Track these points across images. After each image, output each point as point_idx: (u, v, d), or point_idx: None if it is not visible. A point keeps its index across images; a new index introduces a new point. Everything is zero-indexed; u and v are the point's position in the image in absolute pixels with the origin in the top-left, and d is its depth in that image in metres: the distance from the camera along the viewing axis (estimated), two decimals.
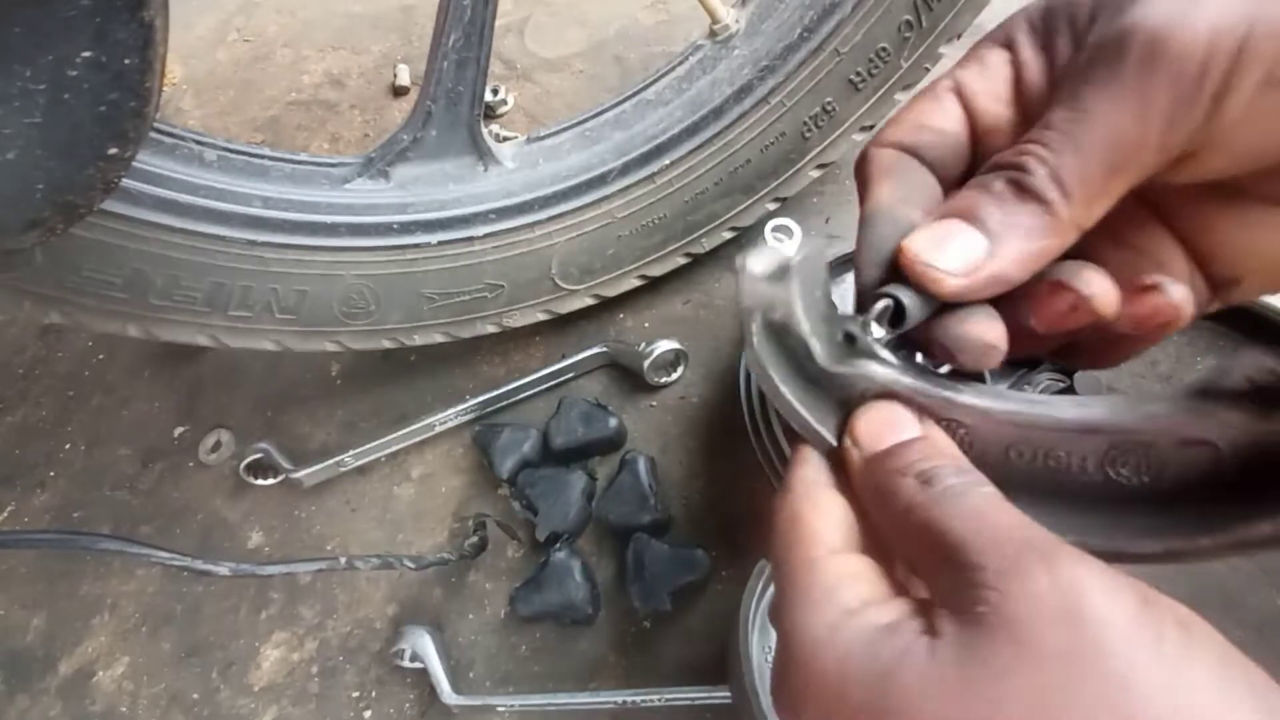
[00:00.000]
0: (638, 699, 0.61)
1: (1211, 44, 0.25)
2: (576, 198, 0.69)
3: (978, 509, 0.25)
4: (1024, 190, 0.28)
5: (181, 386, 0.86)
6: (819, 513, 0.29)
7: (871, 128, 0.75)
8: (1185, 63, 0.25)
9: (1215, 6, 0.25)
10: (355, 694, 0.67)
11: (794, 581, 0.27)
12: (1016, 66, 0.32)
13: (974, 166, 0.33)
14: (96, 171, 0.39)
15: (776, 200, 0.77)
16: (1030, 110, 0.31)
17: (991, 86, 0.32)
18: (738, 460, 0.73)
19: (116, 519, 0.79)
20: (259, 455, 0.74)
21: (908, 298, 0.29)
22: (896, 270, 0.29)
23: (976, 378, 0.31)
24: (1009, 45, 0.32)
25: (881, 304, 0.29)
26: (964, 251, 0.28)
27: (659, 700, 0.61)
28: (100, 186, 0.40)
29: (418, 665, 0.65)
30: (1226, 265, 0.32)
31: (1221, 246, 0.32)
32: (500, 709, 0.64)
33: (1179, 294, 0.28)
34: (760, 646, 0.54)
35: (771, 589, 0.55)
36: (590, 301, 0.78)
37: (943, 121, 0.33)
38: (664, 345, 0.75)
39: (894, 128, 0.33)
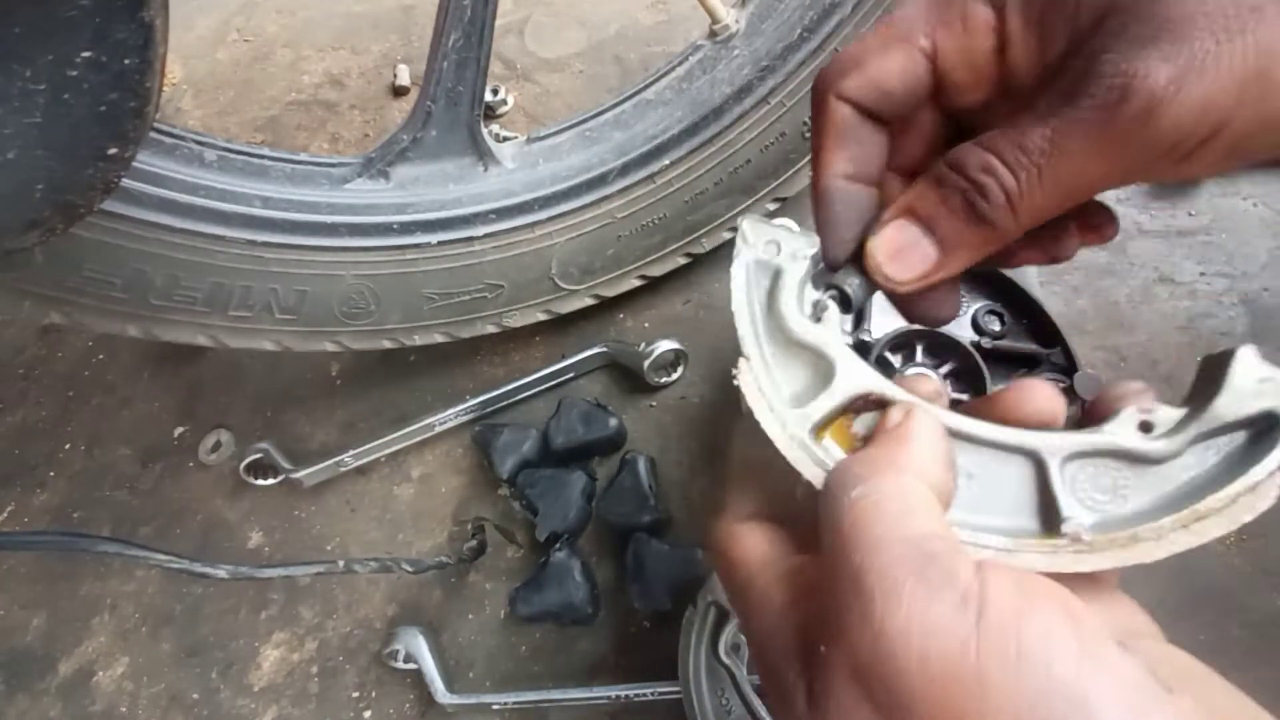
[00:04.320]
0: (630, 693, 0.61)
1: (1198, 121, 0.26)
2: (576, 198, 0.68)
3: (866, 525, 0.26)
4: (979, 215, 0.30)
5: (181, 386, 0.86)
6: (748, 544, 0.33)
7: None
8: (1171, 132, 0.26)
9: (1210, 83, 0.25)
10: (355, 694, 0.67)
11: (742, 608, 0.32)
12: (1002, 37, 0.31)
13: (929, 117, 0.34)
14: (96, 171, 0.39)
15: (776, 200, 0.77)
16: (1004, 82, 0.31)
17: (969, 56, 0.31)
18: None
19: (116, 519, 0.79)
20: (259, 455, 0.74)
21: (853, 288, 0.34)
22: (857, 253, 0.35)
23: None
24: (999, 8, 0.31)
25: (832, 293, 0.35)
26: (918, 263, 0.33)
27: (651, 695, 0.61)
28: (100, 186, 0.40)
29: (411, 666, 0.65)
30: None
31: None
32: (495, 707, 0.64)
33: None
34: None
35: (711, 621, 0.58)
36: (590, 301, 0.77)
37: (906, 83, 0.32)
38: (664, 345, 0.75)
39: (855, 76, 0.33)
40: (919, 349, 0.66)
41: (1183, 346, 0.77)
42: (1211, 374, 0.30)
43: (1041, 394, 0.33)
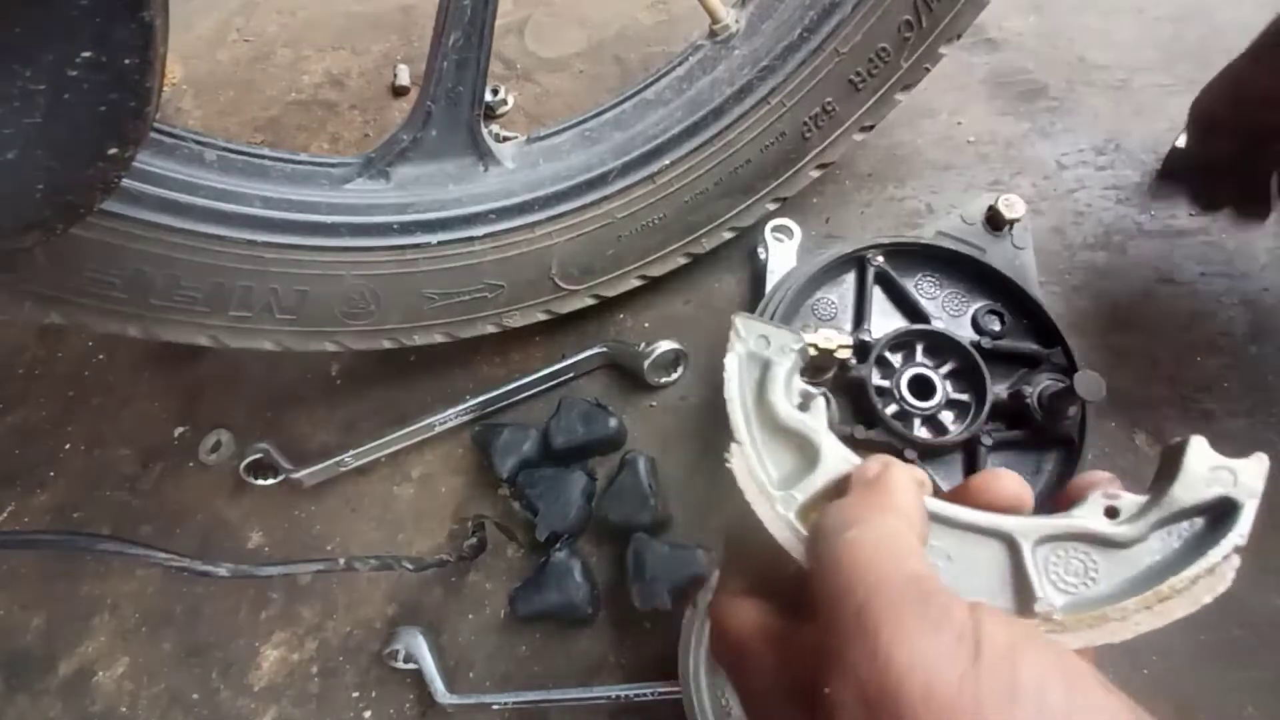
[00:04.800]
0: (630, 693, 0.61)
1: None
2: (576, 198, 0.68)
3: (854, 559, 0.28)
4: None
5: (181, 386, 0.86)
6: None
7: (871, 128, 0.75)
8: None
9: None
10: (355, 694, 0.67)
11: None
12: None
13: None
14: (96, 172, 0.39)
15: (776, 200, 0.77)
16: None
17: None
18: None
19: (116, 519, 0.79)
20: (259, 455, 0.74)
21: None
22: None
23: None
24: None
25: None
26: None
27: (651, 695, 0.61)
28: (100, 187, 0.40)
29: (411, 666, 0.65)
30: None
31: None
32: (495, 707, 0.64)
33: None
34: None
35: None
36: (590, 301, 0.77)
37: None
38: (664, 345, 0.75)
39: None
40: (919, 349, 0.66)
41: (1183, 346, 0.77)
42: (1169, 463, 0.32)
43: (1009, 480, 0.35)
